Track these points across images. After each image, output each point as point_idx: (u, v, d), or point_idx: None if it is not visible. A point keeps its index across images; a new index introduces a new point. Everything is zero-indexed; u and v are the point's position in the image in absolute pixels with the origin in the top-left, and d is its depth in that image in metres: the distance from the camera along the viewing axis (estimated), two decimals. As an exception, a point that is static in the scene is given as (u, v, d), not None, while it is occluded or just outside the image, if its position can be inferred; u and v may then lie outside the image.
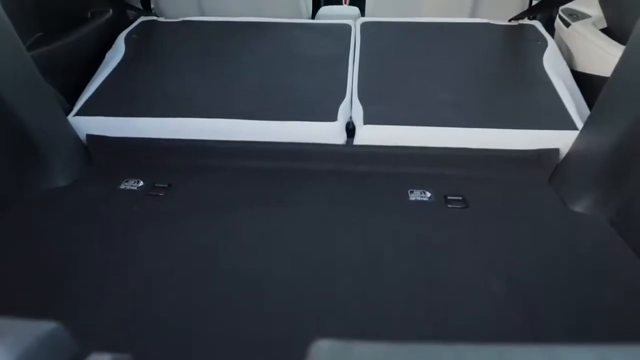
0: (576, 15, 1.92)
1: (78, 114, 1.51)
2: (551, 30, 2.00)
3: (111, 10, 2.05)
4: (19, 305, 1.00)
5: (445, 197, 1.29)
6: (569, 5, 1.93)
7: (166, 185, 1.35)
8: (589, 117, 1.32)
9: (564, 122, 1.40)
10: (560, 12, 1.99)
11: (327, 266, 1.09)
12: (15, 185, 1.32)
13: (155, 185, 1.35)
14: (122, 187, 1.35)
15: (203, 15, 2.14)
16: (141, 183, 1.36)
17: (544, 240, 1.16)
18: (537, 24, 1.97)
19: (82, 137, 1.47)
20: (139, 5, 2.22)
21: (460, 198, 1.29)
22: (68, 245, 1.16)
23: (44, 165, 1.35)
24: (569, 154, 1.35)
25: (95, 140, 1.46)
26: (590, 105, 1.57)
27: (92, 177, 1.41)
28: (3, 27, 1.21)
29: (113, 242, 1.16)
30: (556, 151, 1.36)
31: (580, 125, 1.38)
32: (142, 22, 2.07)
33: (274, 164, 1.41)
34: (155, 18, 2.12)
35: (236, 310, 0.98)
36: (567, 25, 1.88)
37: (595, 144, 1.25)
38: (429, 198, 1.30)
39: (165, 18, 2.13)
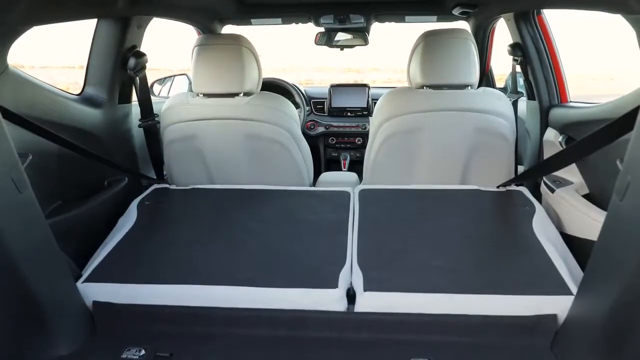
0: (559, 182, 2.06)
1: (86, 280, 1.55)
2: (538, 195, 2.13)
3: (127, 179, 2.21)
4: None
5: None
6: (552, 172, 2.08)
7: (167, 355, 1.33)
8: (582, 283, 1.34)
9: (558, 287, 1.43)
10: (544, 179, 2.13)
11: None
12: (16, 354, 1.31)
13: (157, 354, 1.34)
14: (124, 356, 1.33)
15: (212, 183, 2.30)
16: (143, 352, 1.34)
17: None
18: (524, 189, 2.10)
19: (89, 303, 1.50)
20: (153, 175, 2.39)
21: None
22: None
23: (48, 333, 1.35)
24: (566, 321, 1.35)
25: (101, 307, 1.48)
26: (582, 267, 1.61)
27: (95, 345, 1.40)
28: (26, 199, 1.30)
29: None
30: (554, 317, 1.37)
31: (574, 289, 1.40)
32: (155, 190, 2.22)
33: (275, 332, 1.41)
34: (167, 186, 2.28)
35: None
36: (552, 191, 2.01)
37: (591, 310, 1.27)
38: None
39: (177, 186, 2.29)
